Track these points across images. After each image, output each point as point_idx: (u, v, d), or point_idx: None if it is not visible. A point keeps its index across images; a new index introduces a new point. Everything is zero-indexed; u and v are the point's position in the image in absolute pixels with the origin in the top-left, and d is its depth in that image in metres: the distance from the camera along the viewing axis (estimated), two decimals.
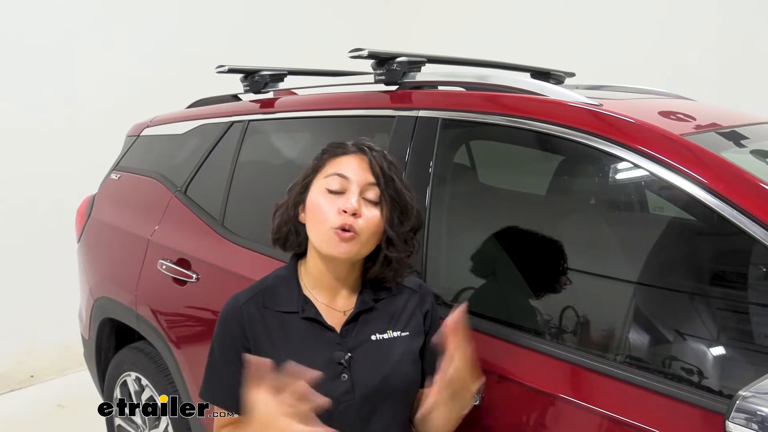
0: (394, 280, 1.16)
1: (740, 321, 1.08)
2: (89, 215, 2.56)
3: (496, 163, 1.65)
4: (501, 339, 1.23)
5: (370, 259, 1.14)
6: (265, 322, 1.12)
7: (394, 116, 1.53)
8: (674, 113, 1.36)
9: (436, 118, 1.43)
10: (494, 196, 1.60)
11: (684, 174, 1.06)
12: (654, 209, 1.31)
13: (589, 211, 1.34)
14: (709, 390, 1.00)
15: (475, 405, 1.15)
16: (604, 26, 3.54)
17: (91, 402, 3.15)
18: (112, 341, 2.45)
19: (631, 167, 1.14)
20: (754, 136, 1.40)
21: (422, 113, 1.47)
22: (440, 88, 1.57)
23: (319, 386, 1.05)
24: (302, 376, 0.89)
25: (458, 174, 1.56)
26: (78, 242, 2.62)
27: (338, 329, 1.12)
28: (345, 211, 1.05)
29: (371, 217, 1.07)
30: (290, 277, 1.17)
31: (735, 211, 1.00)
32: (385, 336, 1.12)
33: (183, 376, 1.96)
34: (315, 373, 0.91)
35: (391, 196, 1.09)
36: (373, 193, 1.08)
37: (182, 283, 1.93)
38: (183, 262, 1.95)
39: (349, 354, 1.09)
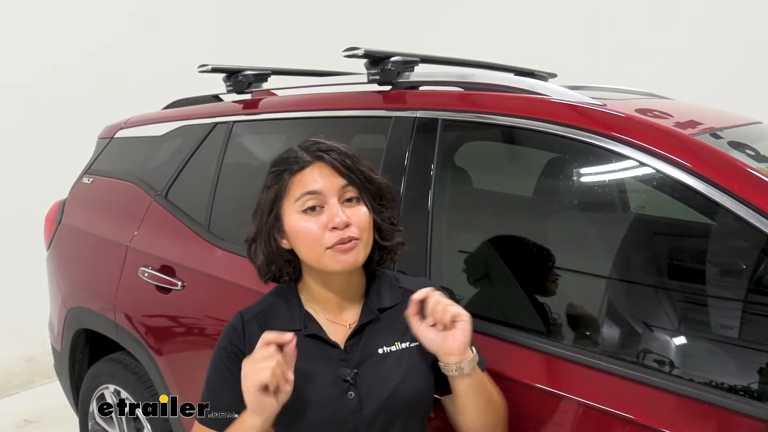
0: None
1: None
2: (59, 221, 2.44)
3: (500, 165, 1.64)
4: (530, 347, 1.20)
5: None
6: None
7: (390, 117, 1.50)
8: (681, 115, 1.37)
9: (437, 119, 1.41)
10: (499, 199, 1.58)
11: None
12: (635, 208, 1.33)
13: (608, 212, 1.34)
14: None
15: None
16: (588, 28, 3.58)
17: (60, 416, 3.03)
18: (87, 353, 2.35)
19: (637, 165, 1.14)
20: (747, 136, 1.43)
21: (421, 114, 1.44)
22: (438, 88, 1.55)
23: (326, 405, 1.02)
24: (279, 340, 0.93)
25: (461, 176, 1.54)
26: (47, 250, 2.50)
27: (342, 344, 1.07)
28: (335, 228, 1.01)
29: (361, 216, 1.04)
30: (290, 294, 1.13)
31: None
32: (393, 348, 1.08)
33: (168, 388, 1.88)
34: (289, 335, 0.94)
35: (367, 188, 1.07)
36: (350, 193, 1.05)
37: (166, 291, 1.85)
38: (167, 269, 1.88)
39: (355, 370, 1.05)
